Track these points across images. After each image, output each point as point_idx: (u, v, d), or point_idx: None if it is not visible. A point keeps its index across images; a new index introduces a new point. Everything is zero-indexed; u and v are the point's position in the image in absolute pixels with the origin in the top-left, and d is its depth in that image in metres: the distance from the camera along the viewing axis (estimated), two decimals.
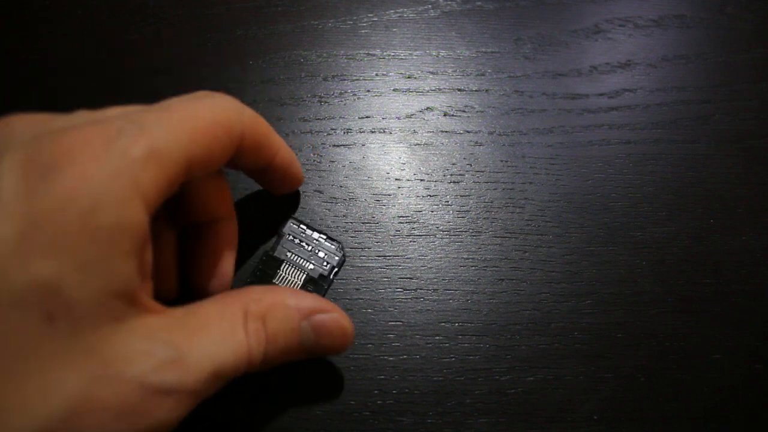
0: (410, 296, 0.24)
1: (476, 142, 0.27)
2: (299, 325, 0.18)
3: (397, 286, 0.24)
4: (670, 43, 0.30)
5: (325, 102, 0.28)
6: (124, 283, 0.14)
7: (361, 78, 0.29)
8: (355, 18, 0.30)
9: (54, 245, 0.13)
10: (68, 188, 0.13)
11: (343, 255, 0.24)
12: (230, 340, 0.16)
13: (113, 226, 0.14)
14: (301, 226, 0.24)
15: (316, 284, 0.23)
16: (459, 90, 0.29)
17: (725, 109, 0.29)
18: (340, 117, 0.28)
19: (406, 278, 0.24)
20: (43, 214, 0.13)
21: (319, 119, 0.28)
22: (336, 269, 0.24)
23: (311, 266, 0.23)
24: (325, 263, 0.24)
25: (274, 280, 0.23)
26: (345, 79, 0.29)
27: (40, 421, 0.13)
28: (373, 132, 0.27)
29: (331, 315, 0.19)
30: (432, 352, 0.23)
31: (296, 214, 0.25)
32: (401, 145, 0.27)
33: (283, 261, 0.23)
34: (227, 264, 0.21)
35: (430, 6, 0.31)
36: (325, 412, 0.22)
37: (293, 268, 0.23)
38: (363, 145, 0.27)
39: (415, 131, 0.27)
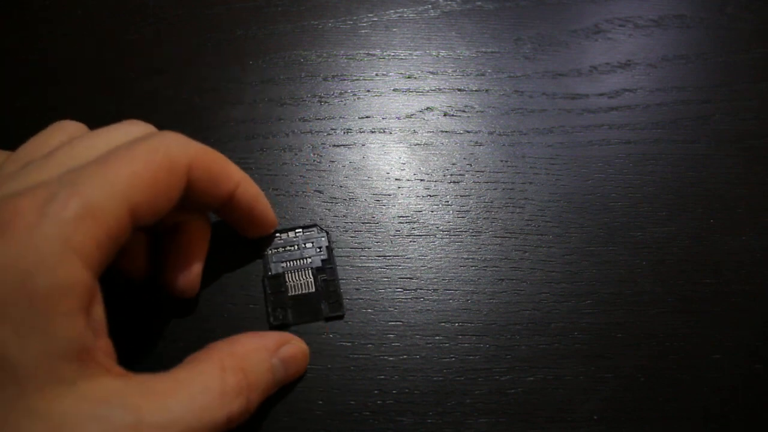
0: (410, 296, 0.24)
1: (476, 142, 0.27)
2: (271, 363, 0.19)
3: (397, 286, 0.24)
4: (670, 43, 0.30)
5: (325, 102, 0.28)
6: (67, 345, 0.14)
7: (361, 78, 0.29)
8: (355, 18, 0.30)
9: None
10: (3, 259, 0.14)
11: (326, 231, 0.25)
12: (201, 400, 0.16)
13: (49, 289, 0.14)
14: (275, 235, 0.24)
15: (325, 271, 0.24)
16: (459, 90, 0.29)
17: (725, 109, 0.29)
18: (340, 117, 0.28)
19: (406, 278, 0.24)
20: None
21: (319, 119, 0.28)
22: (330, 247, 0.24)
23: (309, 260, 0.24)
24: (318, 249, 0.24)
25: (289, 294, 0.23)
26: (345, 79, 0.29)
27: None
28: (373, 132, 0.27)
29: (292, 344, 0.21)
30: (432, 352, 0.23)
31: (295, 216, 0.25)
32: (401, 145, 0.27)
33: (283, 273, 0.24)
34: (197, 262, 0.21)
35: (430, 6, 0.31)
36: (325, 412, 0.22)
37: (297, 272, 0.24)
38: (363, 145, 0.27)
39: (415, 131, 0.27)
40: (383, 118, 0.28)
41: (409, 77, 0.29)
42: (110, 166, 0.16)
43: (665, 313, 0.24)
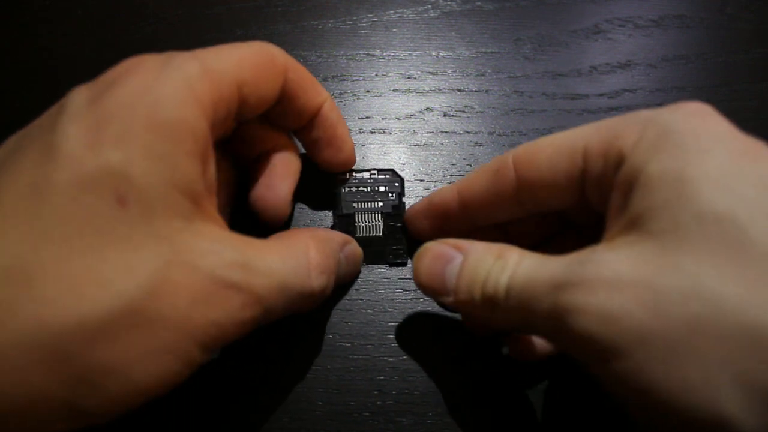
0: (410, 296, 0.24)
1: (476, 143, 0.27)
2: (340, 256, 0.20)
3: (397, 287, 0.24)
4: (670, 43, 0.30)
5: None
6: (188, 181, 0.15)
7: (361, 78, 0.29)
8: (355, 18, 0.30)
9: (121, 136, 0.14)
10: (129, 92, 0.14)
11: (401, 178, 0.25)
12: (293, 262, 0.17)
13: (175, 124, 0.14)
14: (349, 174, 0.25)
15: (393, 217, 0.24)
16: (459, 90, 0.29)
17: (725, 109, 0.28)
18: None
19: (406, 278, 0.24)
20: (108, 113, 0.14)
21: None
22: (402, 194, 0.25)
23: (380, 203, 0.24)
24: (390, 194, 0.24)
25: (357, 235, 0.24)
26: (345, 80, 0.29)
27: (122, 298, 0.13)
28: (373, 132, 0.27)
29: (354, 244, 0.22)
30: (431, 352, 0.23)
31: (295, 216, 0.25)
32: (401, 145, 0.27)
33: (354, 213, 0.24)
34: (285, 184, 0.22)
35: (430, 6, 0.31)
36: (325, 412, 0.22)
37: (367, 214, 0.24)
38: (363, 145, 0.27)
39: (415, 131, 0.27)
40: (383, 119, 0.28)
41: (409, 77, 0.29)
42: (221, 48, 0.17)
43: None
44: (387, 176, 0.25)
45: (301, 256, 0.17)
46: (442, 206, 0.22)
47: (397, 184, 0.25)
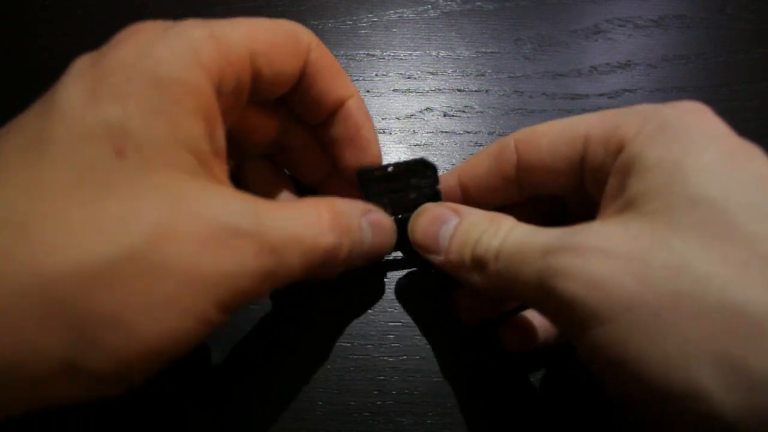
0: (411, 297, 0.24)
1: (476, 143, 0.27)
2: (360, 222, 0.19)
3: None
4: (670, 43, 0.30)
5: None
6: (191, 139, 0.15)
7: (361, 78, 0.29)
8: (355, 18, 0.30)
9: (119, 92, 0.14)
10: (131, 51, 0.14)
11: (433, 165, 0.21)
12: (304, 218, 0.16)
13: (175, 82, 0.14)
14: (376, 168, 0.21)
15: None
16: (459, 90, 0.29)
17: (725, 109, 0.28)
18: None
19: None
20: (108, 70, 0.14)
21: None
22: (437, 184, 0.21)
23: (413, 196, 0.21)
24: (425, 188, 0.21)
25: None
26: None
27: (122, 245, 0.13)
28: None
29: (380, 213, 0.20)
30: (431, 352, 0.23)
31: None
32: (401, 145, 0.27)
33: (383, 209, 0.21)
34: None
35: (430, 6, 0.31)
36: (325, 412, 0.22)
37: (399, 209, 0.21)
38: None
39: (415, 131, 0.27)
40: (383, 119, 0.28)
41: (409, 77, 0.29)
42: (234, 20, 0.17)
43: None
44: (418, 167, 0.21)
45: (311, 212, 0.17)
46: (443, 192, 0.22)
47: (431, 174, 0.21)
